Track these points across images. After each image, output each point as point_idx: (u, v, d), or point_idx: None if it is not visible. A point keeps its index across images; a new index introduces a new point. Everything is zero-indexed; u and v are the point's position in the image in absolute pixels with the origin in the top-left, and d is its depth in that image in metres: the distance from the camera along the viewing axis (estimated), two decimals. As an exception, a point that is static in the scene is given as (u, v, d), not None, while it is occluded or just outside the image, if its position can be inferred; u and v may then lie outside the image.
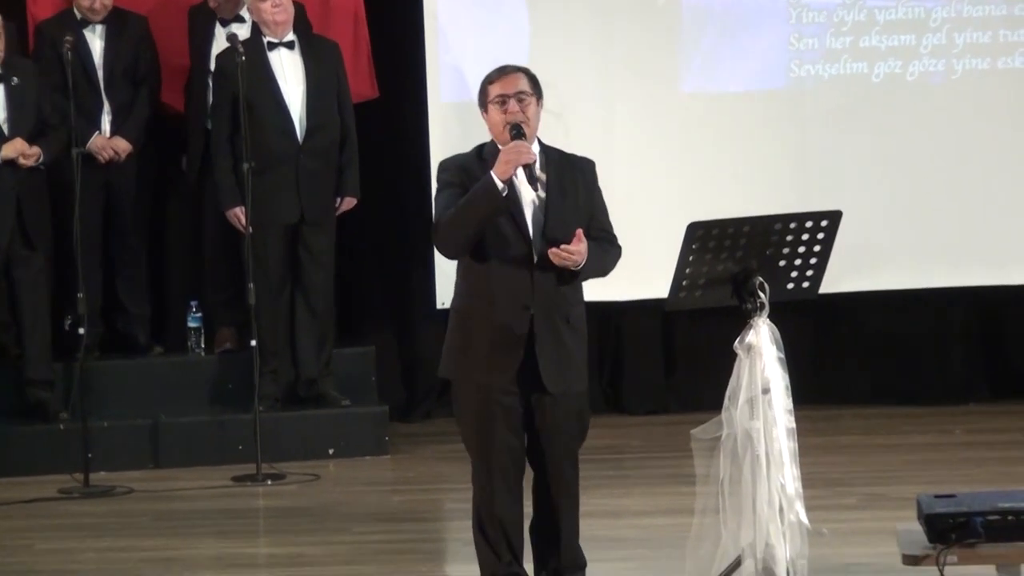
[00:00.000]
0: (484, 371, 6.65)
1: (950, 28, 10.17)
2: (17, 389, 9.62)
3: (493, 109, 6.62)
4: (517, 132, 6.54)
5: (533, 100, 6.62)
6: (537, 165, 6.60)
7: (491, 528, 6.74)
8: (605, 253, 6.67)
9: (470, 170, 6.61)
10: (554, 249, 6.51)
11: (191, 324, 9.93)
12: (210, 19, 9.85)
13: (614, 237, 6.74)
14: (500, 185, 6.46)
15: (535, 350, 6.59)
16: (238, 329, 9.91)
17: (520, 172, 6.52)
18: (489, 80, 6.67)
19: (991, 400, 10.34)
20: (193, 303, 9.92)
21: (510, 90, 6.60)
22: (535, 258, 6.58)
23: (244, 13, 9.76)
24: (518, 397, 6.65)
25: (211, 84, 9.71)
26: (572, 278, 6.61)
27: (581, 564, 6.82)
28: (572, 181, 6.68)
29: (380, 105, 10.14)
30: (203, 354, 9.91)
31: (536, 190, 6.58)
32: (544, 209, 6.61)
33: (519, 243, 6.60)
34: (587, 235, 6.60)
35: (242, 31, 9.69)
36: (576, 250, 6.51)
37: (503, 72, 6.67)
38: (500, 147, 6.56)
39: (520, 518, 6.78)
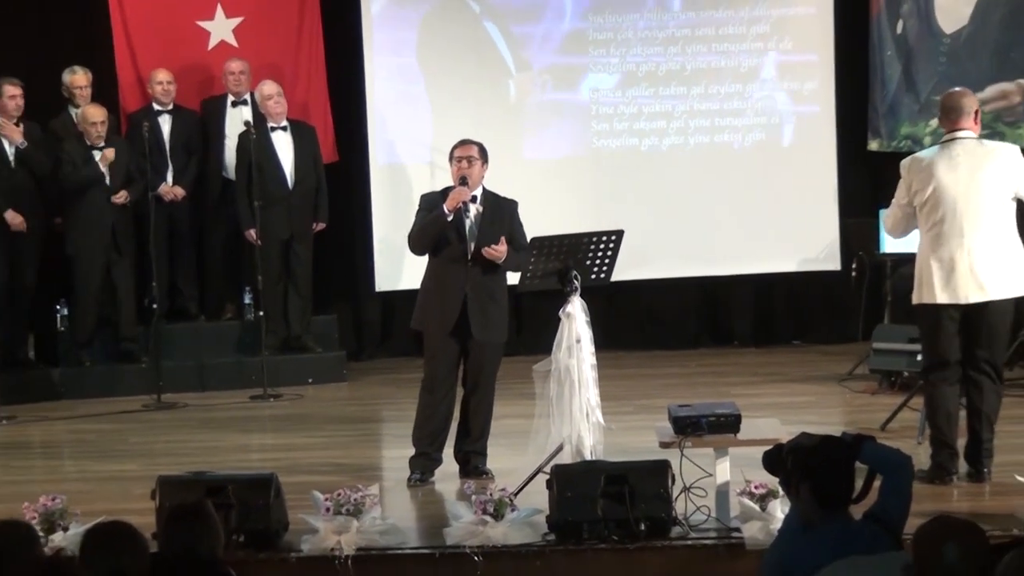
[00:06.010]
0: (437, 325, 6.74)
1: (686, 116, 10.21)
2: (115, 343, 9.55)
3: (454, 164, 6.73)
4: (462, 181, 6.65)
5: (478, 163, 6.69)
6: (478, 201, 6.68)
7: (425, 422, 6.79)
8: (519, 257, 6.70)
9: (436, 201, 6.72)
10: (486, 248, 6.61)
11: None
12: (221, 104, 9.66)
13: (527, 248, 6.76)
14: (446, 212, 6.58)
15: (467, 314, 6.68)
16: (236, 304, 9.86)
17: (467, 204, 6.64)
18: (455, 146, 6.77)
19: (713, 346, 10.36)
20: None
21: (464, 154, 6.70)
22: (469, 257, 6.69)
23: (246, 96, 9.61)
24: (457, 341, 6.73)
25: (227, 149, 9.55)
26: (495, 269, 6.70)
27: (486, 453, 6.90)
28: (499, 212, 6.76)
29: (340, 165, 10.08)
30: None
31: (469, 217, 6.68)
32: (478, 227, 6.71)
33: (460, 247, 6.70)
34: (508, 245, 6.67)
35: (245, 109, 9.59)
36: (500, 249, 6.62)
37: (463, 143, 6.77)
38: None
39: (446, 420, 6.80)
